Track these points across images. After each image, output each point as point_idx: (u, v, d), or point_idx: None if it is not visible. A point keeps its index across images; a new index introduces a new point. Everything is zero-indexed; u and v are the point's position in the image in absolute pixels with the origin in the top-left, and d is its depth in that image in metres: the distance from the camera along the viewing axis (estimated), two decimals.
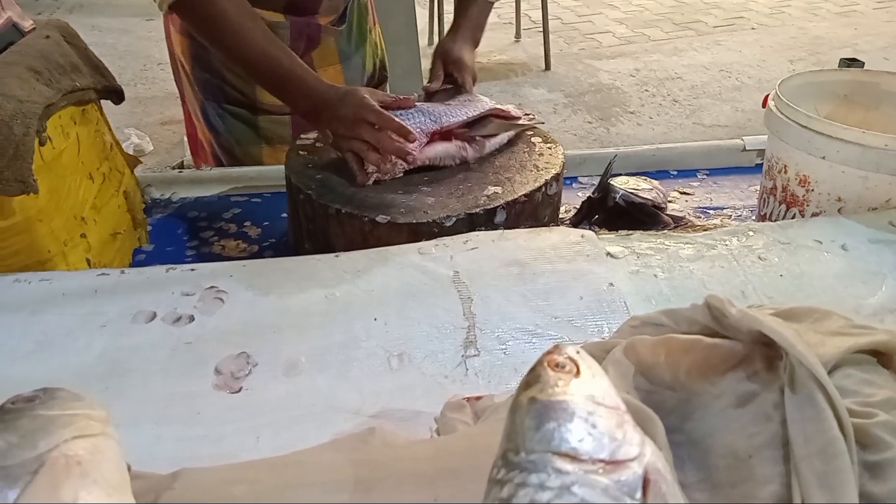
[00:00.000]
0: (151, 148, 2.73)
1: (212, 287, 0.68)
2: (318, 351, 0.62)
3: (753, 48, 3.71)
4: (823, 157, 0.81)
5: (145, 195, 1.11)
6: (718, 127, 2.89)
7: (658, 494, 0.26)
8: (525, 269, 0.70)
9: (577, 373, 0.30)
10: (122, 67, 3.41)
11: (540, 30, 3.50)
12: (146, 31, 4.00)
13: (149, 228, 1.05)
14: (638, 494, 0.26)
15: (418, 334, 0.63)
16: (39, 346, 0.62)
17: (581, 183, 1.18)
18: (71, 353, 0.62)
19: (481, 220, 0.82)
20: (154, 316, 0.65)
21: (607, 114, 3.01)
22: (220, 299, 0.67)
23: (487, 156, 0.94)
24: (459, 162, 0.92)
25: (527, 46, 3.79)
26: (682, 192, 1.15)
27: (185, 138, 2.85)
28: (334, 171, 0.90)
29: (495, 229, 0.79)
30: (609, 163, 1.04)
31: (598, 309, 0.66)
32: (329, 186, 0.87)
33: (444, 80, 1.05)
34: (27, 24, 0.91)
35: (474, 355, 0.61)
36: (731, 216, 1.07)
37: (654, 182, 1.05)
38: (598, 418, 0.28)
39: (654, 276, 0.70)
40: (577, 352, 0.32)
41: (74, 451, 0.29)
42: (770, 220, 0.92)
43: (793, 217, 0.88)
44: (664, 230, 0.92)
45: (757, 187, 1.06)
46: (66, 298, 0.67)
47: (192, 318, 0.65)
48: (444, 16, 3.42)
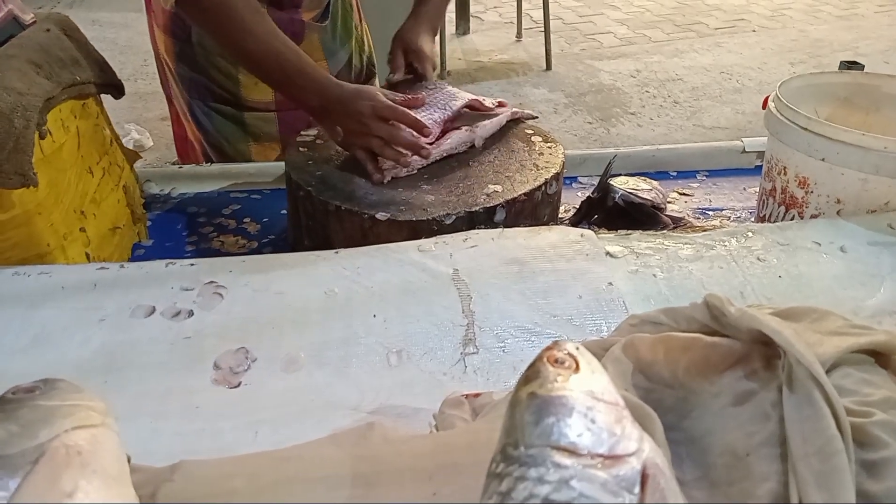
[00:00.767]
0: (151, 143, 2.73)
1: (211, 282, 0.68)
2: (318, 347, 0.62)
3: (754, 50, 3.72)
4: (823, 159, 0.81)
5: (144, 190, 1.11)
6: (719, 129, 2.90)
7: (656, 489, 0.26)
8: (524, 267, 0.70)
9: (577, 368, 0.30)
10: (123, 62, 3.41)
11: (541, 29, 3.50)
12: (147, 26, 3.99)
13: (148, 223, 1.05)
14: (636, 489, 0.26)
15: (417, 331, 0.63)
16: (38, 339, 0.62)
17: (581, 183, 1.18)
18: (69, 346, 0.62)
19: (481, 219, 0.82)
20: (153, 310, 0.65)
21: (608, 114, 3.01)
22: (220, 294, 0.67)
23: (487, 154, 0.94)
24: (469, 146, 0.94)
25: (528, 46, 3.79)
26: (681, 193, 1.15)
27: None
28: (334, 167, 0.90)
29: (495, 228, 0.79)
30: (609, 163, 1.04)
31: (597, 308, 0.66)
32: (329, 183, 0.87)
33: (405, 69, 1.04)
34: (28, 18, 0.91)
35: (473, 353, 0.61)
36: (730, 217, 1.07)
37: (654, 182, 1.05)
38: (597, 413, 0.28)
39: (653, 275, 0.70)
40: (577, 348, 0.32)
41: (75, 442, 0.29)
42: (769, 221, 0.92)
43: (792, 219, 0.88)
44: (663, 231, 0.92)
45: (756, 189, 1.06)
46: (65, 292, 0.67)
47: (191, 313, 0.65)
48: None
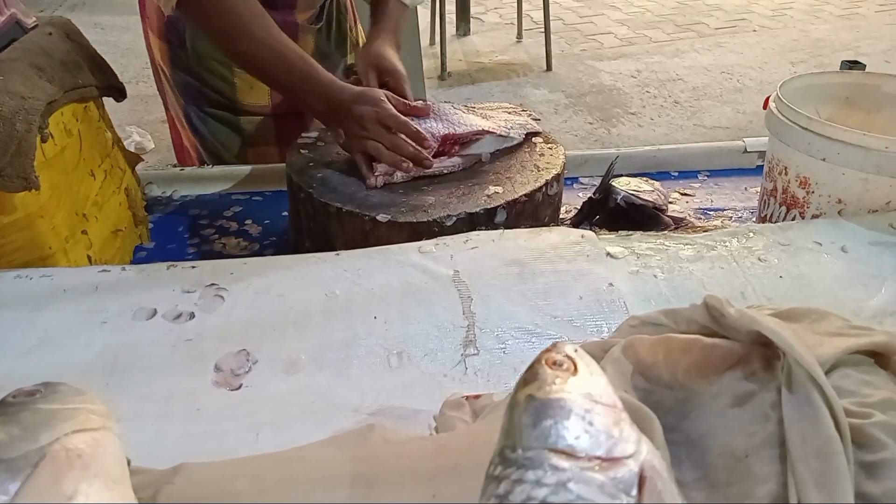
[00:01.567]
0: (153, 146, 2.74)
1: (212, 284, 0.69)
2: (318, 349, 0.62)
3: (755, 50, 3.71)
4: (824, 159, 0.81)
5: (146, 193, 1.11)
6: (720, 129, 2.90)
7: (654, 492, 0.26)
8: (525, 268, 0.70)
9: (575, 371, 0.30)
10: (125, 65, 3.41)
11: (541, 30, 3.50)
12: None
13: (150, 226, 1.05)
14: (633, 491, 0.26)
15: (418, 333, 0.63)
16: (40, 342, 0.62)
17: (582, 184, 1.18)
18: (72, 349, 0.62)
19: (482, 220, 0.82)
20: (154, 313, 0.66)
21: (608, 115, 3.01)
22: (221, 297, 0.68)
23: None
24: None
25: (528, 47, 3.79)
26: (682, 194, 1.15)
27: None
28: (335, 169, 0.91)
29: (496, 229, 0.79)
30: (611, 164, 1.04)
31: (598, 309, 0.66)
32: (330, 185, 0.87)
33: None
34: (30, 21, 0.91)
35: (474, 354, 0.61)
36: (731, 217, 1.07)
37: (656, 183, 1.06)
38: (595, 416, 0.28)
39: (654, 276, 0.70)
40: (576, 350, 0.32)
41: (75, 445, 0.29)
42: (770, 221, 0.92)
43: (793, 219, 0.88)
44: (665, 231, 0.92)
45: (758, 189, 1.06)
46: (67, 295, 0.67)
47: (192, 316, 0.65)
48: (445, 16, 3.42)
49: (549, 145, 0.98)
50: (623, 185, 1.02)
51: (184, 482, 0.35)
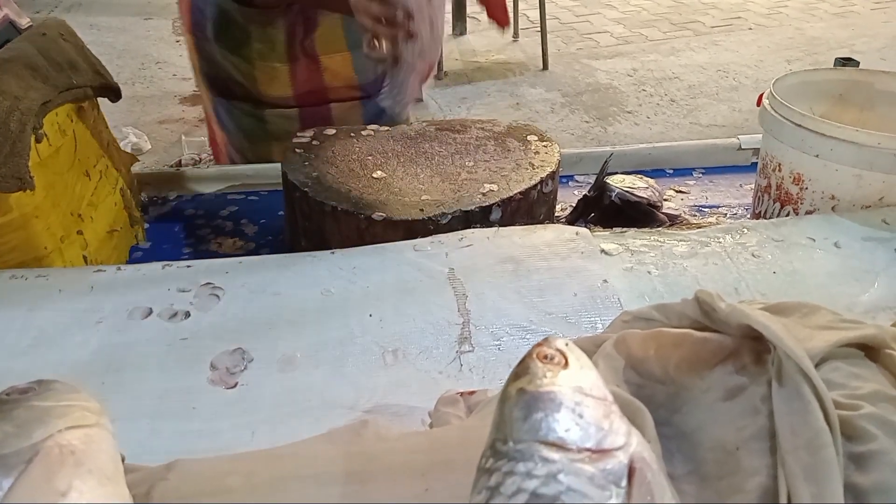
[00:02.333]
0: (149, 147, 2.73)
1: (207, 283, 0.69)
2: (314, 347, 0.62)
3: (751, 48, 3.72)
4: (817, 156, 0.82)
5: (142, 193, 1.11)
6: (715, 127, 2.90)
7: (643, 483, 0.26)
8: (520, 265, 0.70)
9: (566, 364, 0.30)
10: (121, 66, 3.41)
11: (538, 29, 3.51)
12: (144, 30, 4.00)
13: (145, 226, 1.05)
14: (623, 483, 0.26)
15: (413, 330, 0.63)
16: (36, 342, 0.63)
17: (577, 181, 1.18)
18: (67, 349, 0.62)
19: (477, 218, 0.82)
20: (150, 312, 0.66)
21: (604, 113, 3.01)
22: (216, 296, 0.68)
23: (483, 154, 0.94)
24: None
25: (524, 46, 3.80)
26: (677, 191, 1.15)
27: (182, 137, 2.86)
28: (330, 168, 0.91)
29: (491, 227, 0.80)
30: (605, 161, 1.04)
31: (592, 305, 0.66)
32: (325, 184, 0.87)
33: None
34: (24, 22, 0.91)
35: (468, 351, 0.62)
36: (726, 214, 1.07)
37: (650, 180, 1.06)
38: (585, 409, 0.28)
39: (648, 272, 0.70)
40: (566, 344, 0.32)
41: (69, 441, 0.29)
42: (764, 218, 0.92)
43: (787, 215, 0.88)
44: (659, 228, 0.93)
45: (752, 186, 1.06)
46: (62, 295, 0.68)
47: (187, 315, 0.65)
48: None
49: (545, 143, 0.98)
50: (618, 182, 1.02)
51: (178, 478, 0.35)
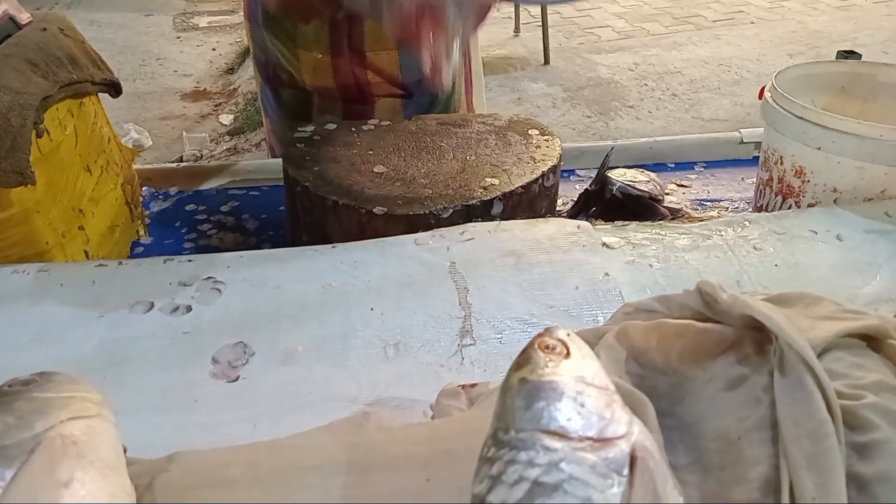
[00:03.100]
0: (150, 143, 2.73)
1: (209, 278, 0.69)
2: (315, 340, 0.62)
3: (752, 42, 3.71)
4: (819, 148, 0.82)
5: (143, 188, 1.11)
6: (717, 121, 2.89)
7: (645, 471, 0.26)
8: (521, 259, 0.70)
9: (567, 355, 0.30)
10: (121, 63, 3.41)
11: (539, 24, 3.50)
12: (145, 26, 4.00)
13: (147, 221, 1.05)
14: (625, 471, 0.26)
15: (415, 324, 0.63)
16: (38, 336, 0.63)
17: (579, 175, 1.18)
18: (69, 343, 0.62)
19: (478, 212, 0.82)
20: (152, 306, 0.66)
21: (606, 108, 3.01)
22: (218, 290, 0.68)
23: (484, 147, 0.94)
24: None
25: (526, 41, 3.79)
26: (679, 185, 1.15)
27: (183, 133, 2.86)
28: (332, 163, 0.91)
29: (492, 221, 0.79)
30: (606, 155, 1.04)
31: (594, 298, 0.66)
32: (326, 178, 0.87)
33: None
34: (24, 17, 0.91)
35: (470, 344, 0.62)
36: (728, 208, 1.07)
37: (652, 174, 1.06)
38: (587, 398, 0.28)
39: (650, 265, 0.70)
40: (568, 334, 0.32)
41: (70, 432, 0.29)
42: (766, 211, 0.92)
43: (789, 208, 0.88)
44: (661, 222, 0.93)
45: (754, 179, 1.06)
46: (64, 289, 0.68)
47: (189, 309, 0.65)
48: None
49: (546, 137, 0.98)
50: (619, 176, 1.02)
51: (179, 470, 0.35)
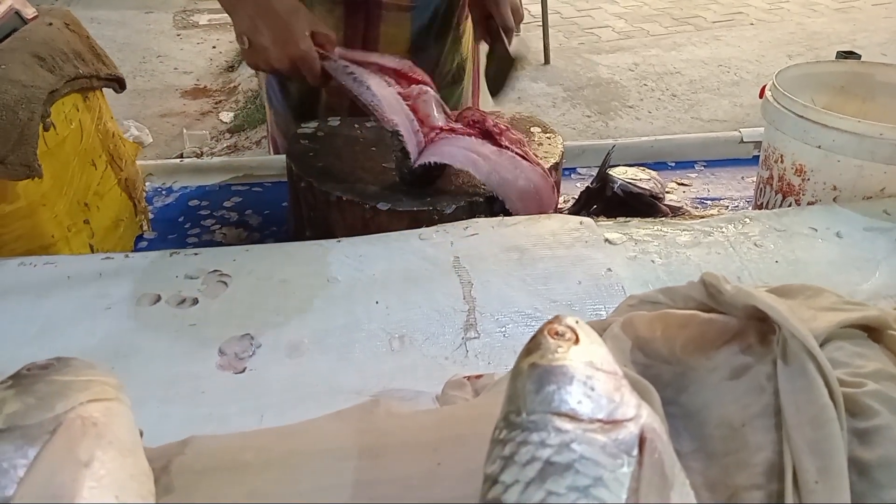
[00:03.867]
0: (151, 140, 2.73)
1: (215, 271, 0.69)
2: (321, 333, 0.62)
3: (752, 43, 3.72)
4: (819, 147, 0.82)
5: (147, 183, 1.12)
6: (717, 121, 2.90)
7: (654, 451, 0.27)
8: (524, 254, 0.71)
9: (577, 341, 0.31)
10: (121, 60, 3.41)
11: (539, 24, 3.51)
12: (145, 23, 4.00)
13: (150, 216, 1.06)
14: (634, 451, 0.27)
15: (419, 317, 0.64)
16: (45, 328, 0.63)
17: (580, 174, 1.19)
18: (76, 335, 0.62)
19: (481, 208, 0.83)
20: (158, 299, 0.66)
21: (606, 108, 3.01)
22: (224, 283, 0.68)
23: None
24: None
25: (526, 40, 3.79)
26: (680, 183, 1.16)
27: (184, 130, 2.86)
28: (335, 158, 0.91)
29: (495, 217, 0.80)
30: (608, 153, 1.05)
31: (597, 293, 0.67)
32: (331, 174, 0.87)
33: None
34: (29, 12, 0.91)
35: (474, 338, 0.62)
36: (728, 207, 1.08)
37: (652, 172, 1.06)
38: (597, 382, 0.29)
39: (652, 261, 0.71)
40: (577, 322, 0.33)
41: (90, 414, 0.30)
42: (766, 209, 0.93)
43: (789, 206, 0.89)
44: (663, 219, 0.93)
45: (754, 179, 1.07)
46: (70, 282, 0.68)
47: (195, 301, 0.66)
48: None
49: (548, 135, 0.98)
50: (620, 174, 1.02)
51: (194, 453, 0.36)
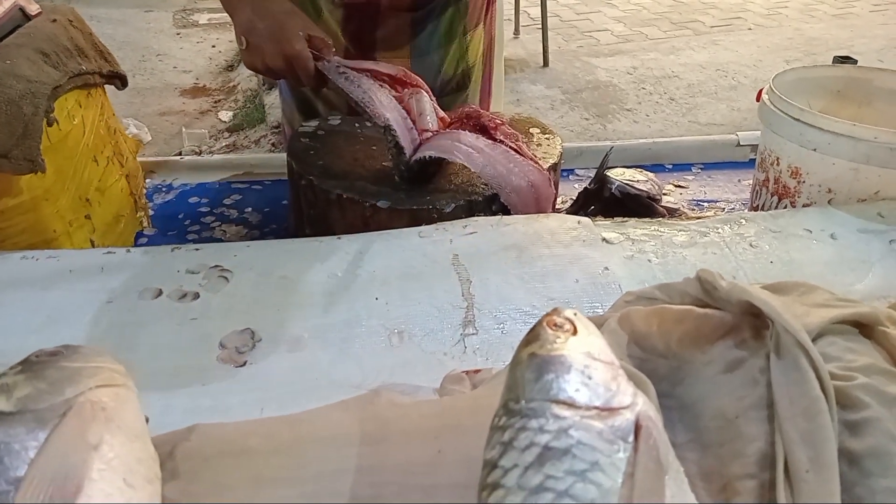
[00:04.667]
0: (150, 138, 2.73)
1: (216, 266, 0.70)
2: (321, 328, 0.63)
3: (750, 48, 3.73)
4: (815, 150, 0.83)
5: (147, 180, 1.12)
6: (714, 125, 2.91)
7: (649, 438, 0.28)
8: (523, 252, 0.72)
9: (575, 331, 0.32)
10: (121, 58, 3.39)
11: (539, 27, 3.51)
12: (145, 22, 4.00)
13: (151, 213, 1.07)
14: (630, 438, 0.28)
15: (418, 313, 0.65)
16: (48, 320, 0.64)
17: (578, 175, 1.20)
18: (78, 327, 0.63)
19: (480, 207, 0.83)
20: (160, 293, 0.67)
21: (604, 111, 3.02)
22: (225, 278, 0.69)
23: None
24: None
25: (525, 43, 3.80)
26: (677, 185, 1.17)
27: (183, 129, 2.86)
28: (336, 157, 0.92)
29: (494, 216, 0.81)
30: (605, 154, 1.06)
31: (594, 292, 0.67)
32: (331, 172, 0.88)
33: None
34: (33, 9, 0.92)
35: (472, 334, 0.63)
36: (724, 209, 1.09)
37: (650, 174, 1.07)
38: (594, 371, 0.30)
39: (648, 261, 0.72)
40: (575, 314, 0.33)
41: (99, 398, 0.31)
42: (762, 211, 0.94)
43: (784, 208, 0.90)
44: (660, 219, 0.94)
45: (750, 182, 1.08)
46: (73, 275, 0.69)
47: (196, 296, 0.67)
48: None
49: (546, 135, 0.99)
50: (618, 175, 1.03)
51: (199, 439, 0.36)
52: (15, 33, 0.84)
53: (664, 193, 1.10)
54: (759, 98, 0.94)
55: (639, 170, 1.08)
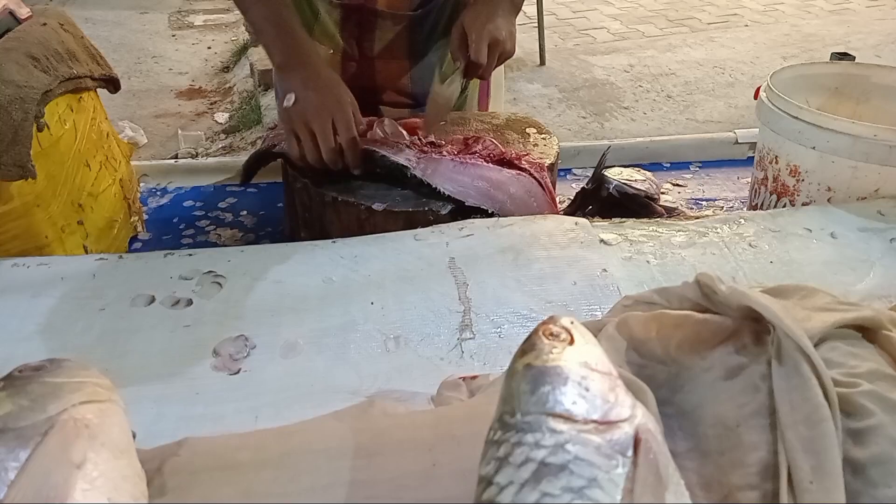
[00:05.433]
0: (145, 141, 2.73)
1: (210, 272, 0.69)
2: (316, 333, 0.62)
3: (747, 45, 3.73)
4: (814, 148, 0.83)
5: (141, 184, 1.11)
6: (712, 122, 2.91)
7: (648, 452, 0.27)
8: (520, 255, 0.71)
9: (572, 341, 0.31)
10: (116, 60, 3.39)
11: (535, 25, 3.51)
12: (140, 24, 3.99)
13: (145, 217, 1.06)
14: (629, 452, 0.27)
15: (415, 318, 0.64)
16: (39, 328, 0.63)
17: (575, 174, 1.19)
18: (70, 335, 0.62)
19: (476, 209, 0.83)
20: (153, 300, 0.66)
21: (601, 109, 3.02)
22: (219, 283, 0.68)
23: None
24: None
25: (522, 41, 3.79)
26: (675, 184, 1.16)
27: (179, 131, 2.85)
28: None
29: (490, 217, 0.80)
30: (603, 154, 1.05)
31: (592, 294, 0.67)
32: (326, 175, 0.87)
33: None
34: (24, 12, 0.91)
35: (469, 338, 0.62)
36: (723, 207, 1.08)
37: (648, 173, 1.07)
38: (591, 382, 0.29)
39: (647, 262, 0.71)
40: (572, 322, 0.33)
41: (83, 415, 0.30)
42: (761, 209, 0.93)
43: (783, 207, 0.89)
44: (658, 219, 0.93)
45: (748, 180, 1.07)
46: (64, 282, 0.68)
47: (190, 302, 0.66)
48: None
49: (543, 135, 0.98)
50: (615, 174, 1.03)
51: (188, 454, 0.35)
52: (4, 37, 0.83)
53: (662, 192, 1.09)
54: (756, 95, 0.93)
55: (636, 169, 1.07)
